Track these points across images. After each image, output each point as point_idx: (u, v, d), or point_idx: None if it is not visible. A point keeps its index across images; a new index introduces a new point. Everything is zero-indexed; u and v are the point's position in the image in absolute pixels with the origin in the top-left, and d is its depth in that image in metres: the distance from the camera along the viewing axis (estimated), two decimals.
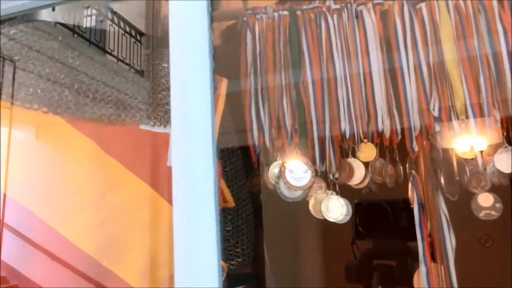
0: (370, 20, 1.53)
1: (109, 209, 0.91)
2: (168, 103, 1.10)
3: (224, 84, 1.33)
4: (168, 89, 0.89)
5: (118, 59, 5.49)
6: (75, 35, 5.29)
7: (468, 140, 1.49)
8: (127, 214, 0.93)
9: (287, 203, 1.58)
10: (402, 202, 2.06)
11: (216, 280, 0.58)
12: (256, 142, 1.57)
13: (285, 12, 1.60)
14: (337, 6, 1.56)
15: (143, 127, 1.00)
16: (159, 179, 0.99)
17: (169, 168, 1.03)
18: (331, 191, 1.60)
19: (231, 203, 1.24)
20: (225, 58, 1.53)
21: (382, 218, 2.09)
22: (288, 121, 1.55)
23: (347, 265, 2.11)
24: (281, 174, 1.53)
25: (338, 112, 1.52)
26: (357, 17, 1.54)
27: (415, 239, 1.51)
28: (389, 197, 2.08)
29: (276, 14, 1.61)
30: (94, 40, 5.51)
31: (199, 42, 0.78)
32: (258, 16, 1.62)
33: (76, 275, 0.97)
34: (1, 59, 0.86)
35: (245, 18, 1.63)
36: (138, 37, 5.66)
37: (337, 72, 1.52)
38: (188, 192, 0.58)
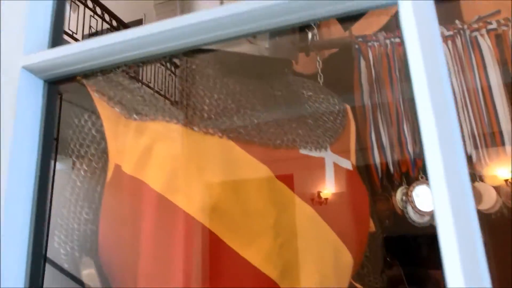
0: (486, 45, 1.53)
1: (285, 233, 0.87)
2: (329, 129, 1.07)
3: (349, 109, 1.30)
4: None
5: (155, 91, 5.50)
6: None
7: None
8: (299, 237, 0.89)
9: (413, 227, 1.54)
10: None
11: None
12: (379, 167, 1.54)
13: (398, 40, 1.59)
14: (450, 33, 1.57)
15: (302, 151, 0.98)
16: (320, 203, 0.97)
17: (329, 193, 1.00)
18: None
19: (372, 227, 1.21)
20: (333, 86, 1.51)
21: None
22: (410, 146, 1.53)
23: None
24: (408, 199, 1.50)
25: (462, 135, 1.50)
26: (472, 43, 1.54)
27: None
28: None
29: (388, 41, 1.60)
30: (133, 73, 5.49)
31: None
32: (370, 44, 1.61)
33: None
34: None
35: (357, 46, 1.62)
36: (173, 69, 5.67)
37: (457, 97, 1.51)
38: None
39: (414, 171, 1.53)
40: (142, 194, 0.81)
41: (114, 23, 5.13)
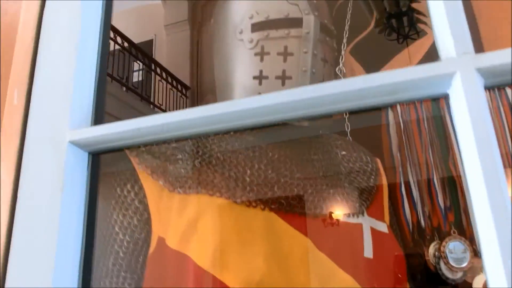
0: None
1: None
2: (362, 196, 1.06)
3: (380, 164, 1.28)
4: None
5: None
6: (128, 90, 5.36)
7: None
8: None
9: (446, 283, 1.49)
10: None
11: None
12: (410, 221, 1.51)
13: None
14: None
15: (341, 219, 0.97)
16: (360, 271, 0.95)
17: (367, 259, 0.98)
18: None
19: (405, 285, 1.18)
20: (362, 136, 1.50)
21: None
22: (440, 199, 1.50)
23: None
24: (441, 255, 1.46)
25: None
26: (500, 96, 1.53)
27: None
28: None
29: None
30: (145, 95, 5.58)
31: None
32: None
33: None
34: None
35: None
36: (184, 91, 5.74)
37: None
38: None
39: (445, 225, 1.50)
40: (187, 269, 0.80)
41: (126, 44, 5.22)
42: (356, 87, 0.55)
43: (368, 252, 0.93)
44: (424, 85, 0.55)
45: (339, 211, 0.93)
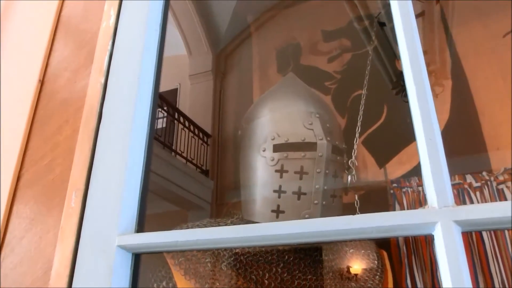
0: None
1: None
2: None
3: (385, 258, 1.35)
4: None
5: (187, 160, 5.48)
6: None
7: None
8: None
9: None
10: None
11: None
12: None
13: None
14: (478, 184, 1.64)
15: None
16: None
17: None
18: None
19: None
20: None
21: None
22: None
23: None
24: None
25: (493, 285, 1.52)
26: (498, 194, 1.61)
27: None
28: None
29: (420, 188, 1.69)
30: (168, 142, 5.58)
31: None
32: (404, 190, 1.70)
33: None
34: None
35: (392, 191, 1.71)
36: (205, 138, 5.76)
37: (487, 252, 1.55)
38: None
39: None
40: None
41: None
42: (357, 226, 0.66)
43: None
44: (413, 227, 0.65)
45: None
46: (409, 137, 2.18)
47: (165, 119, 5.78)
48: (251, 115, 1.14)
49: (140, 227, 0.89)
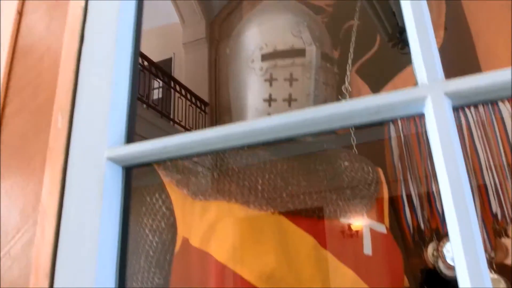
0: (507, 110, 1.57)
1: None
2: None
3: (381, 173, 1.34)
4: None
5: (186, 129, 5.47)
6: (149, 107, 5.36)
7: None
8: None
9: (444, 280, 1.54)
10: None
11: None
12: (411, 225, 1.56)
13: None
14: None
15: (342, 220, 1.04)
16: (361, 266, 1.01)
17: (367, 256, 1.04)
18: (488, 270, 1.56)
19: (406, 283, 1.23)
20: (365, 148, 1.56)
21: None
22: (439, 204, 1.55)
23: None
24: (438, 254, 1.51)
25: (487, 196, 1.52)
26: (493, 109, 1.58)
27: None
28: None
29: None
30: (165, 112, 5.54)
31: None
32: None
33: None
34: None
35: None
36: (203, 107, 5.72)
37: (481, 160, 1.54)
38: None
39: (443, 227, 1.55)
40: (208, 264, 0.90)
41: (146, 63, 5.22)
42: (346, 110, 0.63)
43: (368, 250, 1.00)
44: (403, 107, 0.62)
45: (341, 214, 1.01)
46: (403, 62, 2.13)
47: (161, 89, 5.69)
48: (239, 31, 1.10)
49: (130, 140, 0.86)
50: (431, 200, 1.56)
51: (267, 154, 1.01)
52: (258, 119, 0.67)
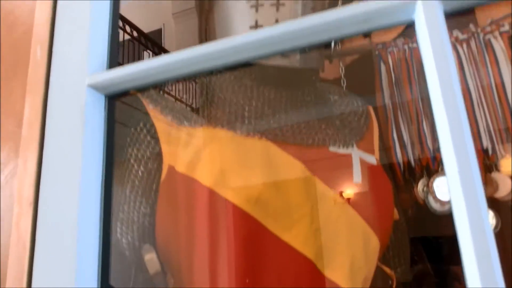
0: (499, 46, 1.54)
1: (319, 219, 0.92)
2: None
3: (371, 110, 1.32)
4: None
5: (176, 99, 5.46)
6: None
7: None
8: (332, 223, 0.94)
9: (436, 216, 1.56)
10: None
11: None
12: (401, 161, 1.56)
13: (415, 45, 1.61)
14: (465, 36, 1.58)
15: (331, 149, 1.02)
16: (349, 193, 1.01)
17: (356, 184, 1.04)
18: None
19: (396, 215, 1.24)
20: (356, 89, 1.53)
21: None
22: (429, 141, 1.54)
23: None
24: (429, 190, 1.52)
25: (478, 131, 1.51)
26: (485, 45, 1.55)
27: None
28: None
29: (406, 47, 1.63)
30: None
31: None
32: (389, 50, 1.64)
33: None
34: None
35: (377, 52, 1.65)
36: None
37: (473, 95, 1.52)
38: None
39: (434, 164, 1.55)
40: (194, 190, 0.88)
41: (135, 34, 5.12)
42: (332, 18, 0.60)
43: (357, 178, 0.99)
44: (392, 13, 0.59)
45: (330, 142, 0.99)
46: None
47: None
48: None
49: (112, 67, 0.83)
50: (421, 138, 1.55)
51: (255, 84, 0.98)
52: (242, 35, 0.63)
